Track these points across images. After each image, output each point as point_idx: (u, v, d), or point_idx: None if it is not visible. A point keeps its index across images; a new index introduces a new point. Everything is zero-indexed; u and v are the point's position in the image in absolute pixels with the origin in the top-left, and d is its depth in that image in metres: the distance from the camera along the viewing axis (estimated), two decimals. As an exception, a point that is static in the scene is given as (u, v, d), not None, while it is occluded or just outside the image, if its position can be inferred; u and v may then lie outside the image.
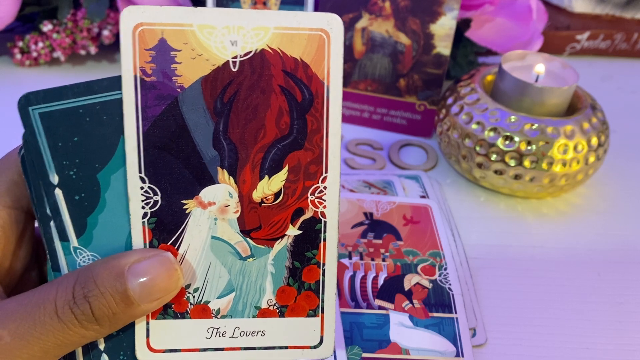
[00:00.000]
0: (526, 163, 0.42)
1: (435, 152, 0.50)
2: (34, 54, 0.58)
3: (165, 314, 0.26)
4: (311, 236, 0.26)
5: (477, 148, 0.43)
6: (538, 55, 0.46)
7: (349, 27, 0.50)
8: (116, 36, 0.60)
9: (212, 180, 0.25)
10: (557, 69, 0.46)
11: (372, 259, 0.37)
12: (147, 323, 0.26)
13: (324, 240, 0.26)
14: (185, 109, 0.24)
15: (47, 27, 0.56)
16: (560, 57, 0.69)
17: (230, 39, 0.24)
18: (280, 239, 0.26)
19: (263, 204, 0.26)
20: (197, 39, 0.24)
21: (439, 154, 0.50)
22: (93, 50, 0.57)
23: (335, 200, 0.26)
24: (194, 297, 0.26)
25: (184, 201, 0.25)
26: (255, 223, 0.26)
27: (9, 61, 0.60)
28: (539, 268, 0.40)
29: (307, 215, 0.26)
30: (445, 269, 0.37)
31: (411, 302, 0.35)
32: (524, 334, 0.35)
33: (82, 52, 0.58)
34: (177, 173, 0.25)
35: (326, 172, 0.26)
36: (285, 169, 0.26)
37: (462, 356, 0.33)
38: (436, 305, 0.35)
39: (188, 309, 0.26)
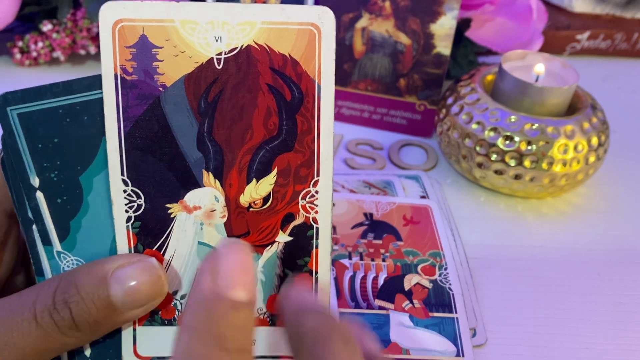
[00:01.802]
0: (526, 163, 0.42)
1: (435, 152, 0.50)
2: (34, 54, 0.58)
3: (152, 320, 0.25)
4: (302, 243, 0.25)
5: (477, 148, 0.43)
6: (538, 55, 0.46)
7: (348, 27, 0.50)
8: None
9: (197, 184, 0.24)
10: (557, 68, 0.46)
11: (372, 259, 0.37)
12: (134, 330, 0.25)
13: (316, 247, 0.25)
14: (168, 109, 0.23)
15: (46, 27, 0.56)
16: (561, 57, 0.69)
17: (215, 35, 0.23)
18: (269, 246, 0.25)
19: (251, 209, 0.24)
20: (180, 35, 0.23)
21: (439, 153, 0.50)
22: (93, 50, 0.57)
23: (327, 206, 0.24)
24: (181, 304, 0.25)
25: (168, 205, 0.24)
26: (243, 229, 0.25)
27: (8, 61, 0.60)
28: (539, 268, 0.40)
29: (298, 221, 0.25)
30: (446, 269, 0.37)
31: (411, 302, 0.35)
32: (524, 333, 0.35)
33: (82, 51, 0.58)
34: (160, 176, 0.24)
35: (318, 175, 0.24)
36: (274, 172, 0.24)
37: (463, 356, 0.33)
38: (436, 305, 0.35)
39: (176, 316, 0.25)
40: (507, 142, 0.42)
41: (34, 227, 0.24)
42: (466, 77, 0.47)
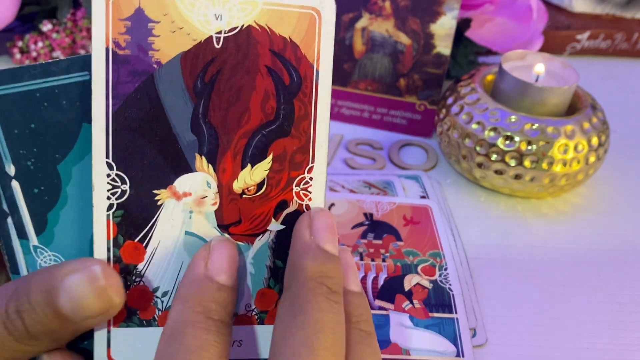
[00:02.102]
0: (526, 163, 0.42)
1: (435, 152, 0.50)
2: (34, 54, 0.58)
3: (129, 321, 0.23)
4: None
5: (477, 148, 0.43)
6: (538, 55, 0.46)
7: (348, 27, 0.50)
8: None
9: (189, 169, 0.23)
10: (557, 68, 0.46)
11: (372, 260, 0.37)
12: (108, 332, 0.23)
13: None
14: (162, 88, 0.22)
15: (46, 26, 0.56)
16: (561, 56, 0.69)
17: (215, 12, 0.22)
18: (261, 235, 0.24)
19: (244, 196, 0.23)
20: (178, 10, 0.21)
21: (439, 153, 0.50)
22: (93, 50, 0.57)
23: (321, 193, 0.24)
24: (162, 302, 0.23)
25: (155, 191, 0.22)
26: (235, 217, 0.23)
27: (8, 61, 0.59)
28: (540, 268, 0.40)
29: (292, 208, 0.24)
30: (446, 269, 0.37)
31: (411, 303, 0.35)
32: (524, 334, 0.35)
33: (82, 51, 0.58)
34: (149, 159, 0.22)
35: (312, 162, 0.24)
36: (270, 157, 0.23)
37: (463, 356, 0.33)
38: (436, 305, 0.35)
39: (156, 316, 0.23)
40: (507, 142, 0.42)
41: (9, 219, 0.23)
42: (466, 77, 0.47)
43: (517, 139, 0.42)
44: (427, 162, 0.49)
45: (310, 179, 0.24)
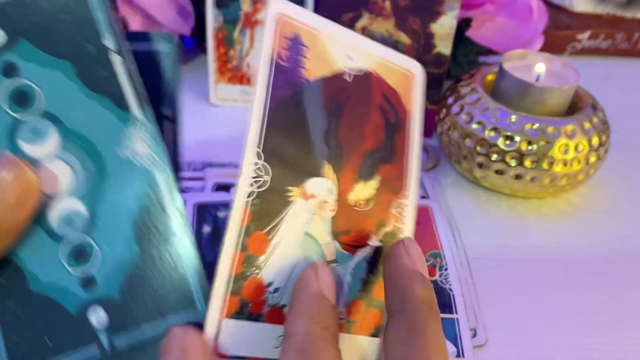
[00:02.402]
0: (527, 163, 0.42)
1: (435, 152, 0.50)
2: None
3: (240, 313, 0.23)
4: None
5: (478, 148, 0.43)
6: (539, 55, 0.46)
7: (349, 27, 0.50)
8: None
9: (318, 173, 0.25)
10: (557, 68, 0.46)
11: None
12: (220, 321, 0.23)
13: None
14: (307, 100, 0.26)
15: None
16: (561, 56, 0.69)
17: (347, 54, 0.27)
18: (362, 248, 0.26)
19: (355, 208, 0.26)
20: (323, 44, 0.26)
21: (439, 154, 0.50)
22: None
23: (412, 218, 0.28)
24: (272, 297, 0.24)
25: (289, 187, 0.25)
26: (346, 226, 0.26)
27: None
28: (540, 268, 0.40)
29: (388, 228, 0.27)
30: (446, 269, 0.37)
31: (411, 303, 0.35)
32: (524, 334, 0.35)
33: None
34: (289, 157, 0.25)
35: (407, 189, 0.28)
36: (378, 178, 0.27)
37: (463, 356, 0.33)
38: (436, 305, 0.35)
39: (264, 311, 0.24)
40: (508, 142, 0.42)
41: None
42: (466, 77, 0.47)
43: (517, 138, 0.42)
44: (428, 162, 0.49)
45: (405, 204, 0.28)
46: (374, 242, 0.27)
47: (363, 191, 0.26)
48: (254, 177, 0.24)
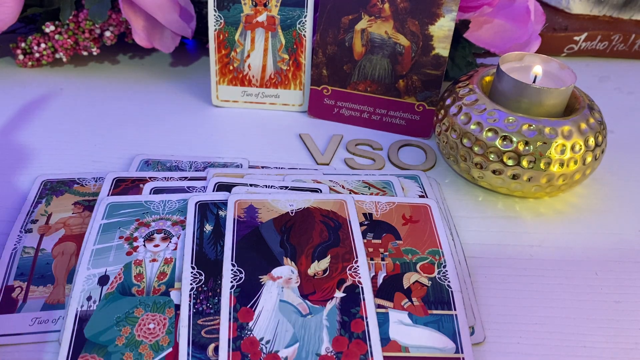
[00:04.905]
0: (524, 163, 0.42)
1: (434, 152, 0.51)
2: (37, 55, 0.58)
3: None
4: (353, 297, 0.35)
5: (476, 148, 0.43)
6: (536, 57, 0.47)
7: (348, 29, 0.51)
8: (118, 37, 0.60)
9: (280, 264, 0.37)
10: (554, 69, 0.46)
11: (372, 259, 0.38)
12: None
13: (363, 300, 0.35)
14: (263, 230, 0.39)
15: (49, 28, 0.56)
16: (558, 58, 0.69)
17: (289, 203, 0.41)
18: (330, 300, 0.35)
19: (315, 277, 0.36)
20: (270, 204, 0.41)
21: (437, 154, 0.51)
22: (95, 51, 0.58)
23: (366, 273, 0.36)
24: (266, 347, 0.32)
25: (260, 276, 0.36)
26: (311, 289, 0.35)
27: (11, 62, 0.60)
28: (537, 267, 0.40)
29: (348, 283, 0.36)
30: (444, 267, 0.38)
31: (410, 300, 0.35)
32: (522, 332, 0.36)
33: (84, 53, 0.58)
34: (256, 260, 0.37)
35: (357, 257, 0.37)
36: (329, 257, 0.37)
37: (462, 352, 0.33)
38: (435, 302, 0.35)
39: (261, 358, 0.32)
40: (505, 142, 0.42)
41: None
42: (464, 78, 0.48)
43: (514, 139, 0.42)
44: (426, 163, 0.49)
45: (358, 266, 0.37)
46: (338, 294, 0.35)
47: (318, 266, 0.37)
48: (232, 278, 0.35)
